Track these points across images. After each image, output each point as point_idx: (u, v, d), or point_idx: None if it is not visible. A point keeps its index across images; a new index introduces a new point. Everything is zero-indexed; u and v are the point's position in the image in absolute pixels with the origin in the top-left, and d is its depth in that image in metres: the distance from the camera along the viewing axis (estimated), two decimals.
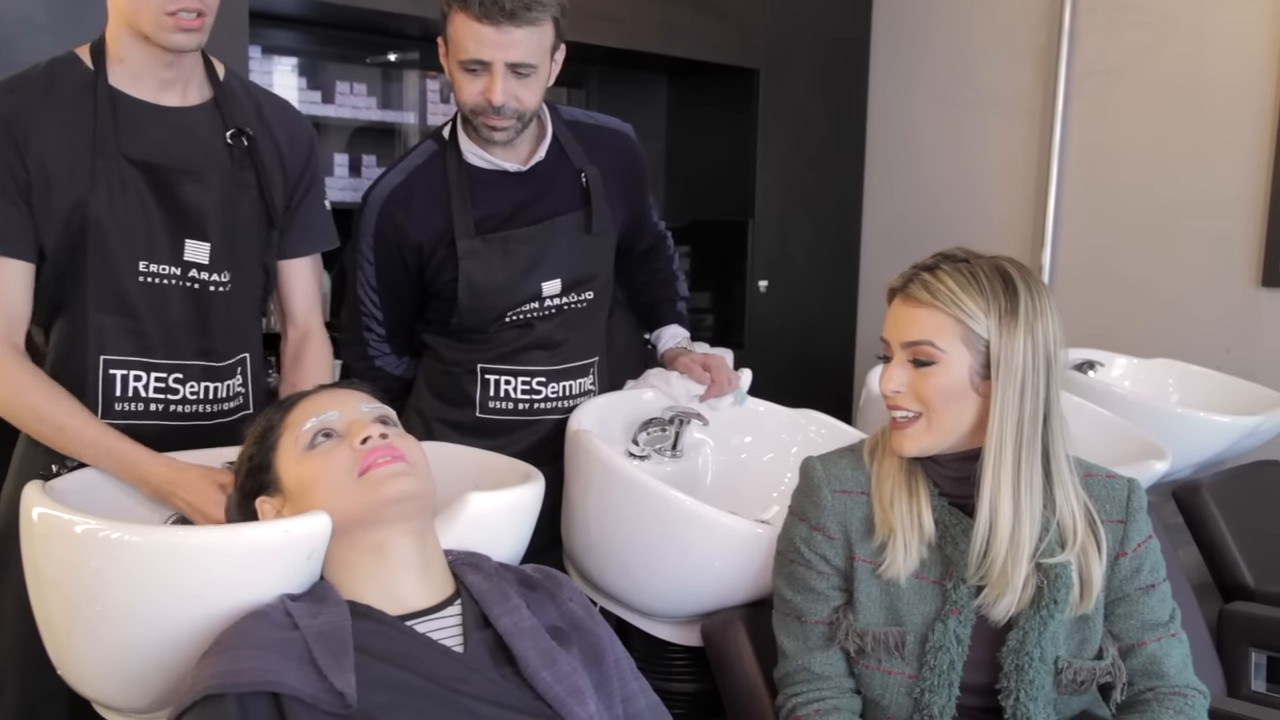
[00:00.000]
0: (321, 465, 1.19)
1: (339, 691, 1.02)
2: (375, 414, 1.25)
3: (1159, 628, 1.36)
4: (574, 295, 1.85)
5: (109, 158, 1.44)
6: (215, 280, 1.54)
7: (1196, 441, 2.29)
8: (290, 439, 1.23)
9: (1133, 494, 1.38)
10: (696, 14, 3.16)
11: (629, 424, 1.88)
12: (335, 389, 1.30)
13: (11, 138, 1.40)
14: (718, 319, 3.54)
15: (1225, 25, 2.92)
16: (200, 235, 1.51)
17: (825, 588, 1.38)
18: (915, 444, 1.33)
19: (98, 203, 1.43)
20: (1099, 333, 2.94)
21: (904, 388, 1.32)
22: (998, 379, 1.29)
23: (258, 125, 1.57)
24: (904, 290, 1.33)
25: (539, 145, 1.80)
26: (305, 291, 1.68)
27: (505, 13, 1.59)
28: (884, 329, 1.36)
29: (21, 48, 2.00)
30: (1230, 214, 2.93)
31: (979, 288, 1.29)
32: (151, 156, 1.47)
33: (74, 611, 1.19)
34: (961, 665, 1.31)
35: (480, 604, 1.18)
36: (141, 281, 1.48)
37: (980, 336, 1.29)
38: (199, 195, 1.50)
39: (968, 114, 3.48)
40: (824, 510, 1.38)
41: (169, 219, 1.49)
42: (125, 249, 1.46)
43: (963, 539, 1.32)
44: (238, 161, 1.53)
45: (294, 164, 1.62)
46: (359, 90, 2.90)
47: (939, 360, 1.30)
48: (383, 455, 1.17)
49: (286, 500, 1.22)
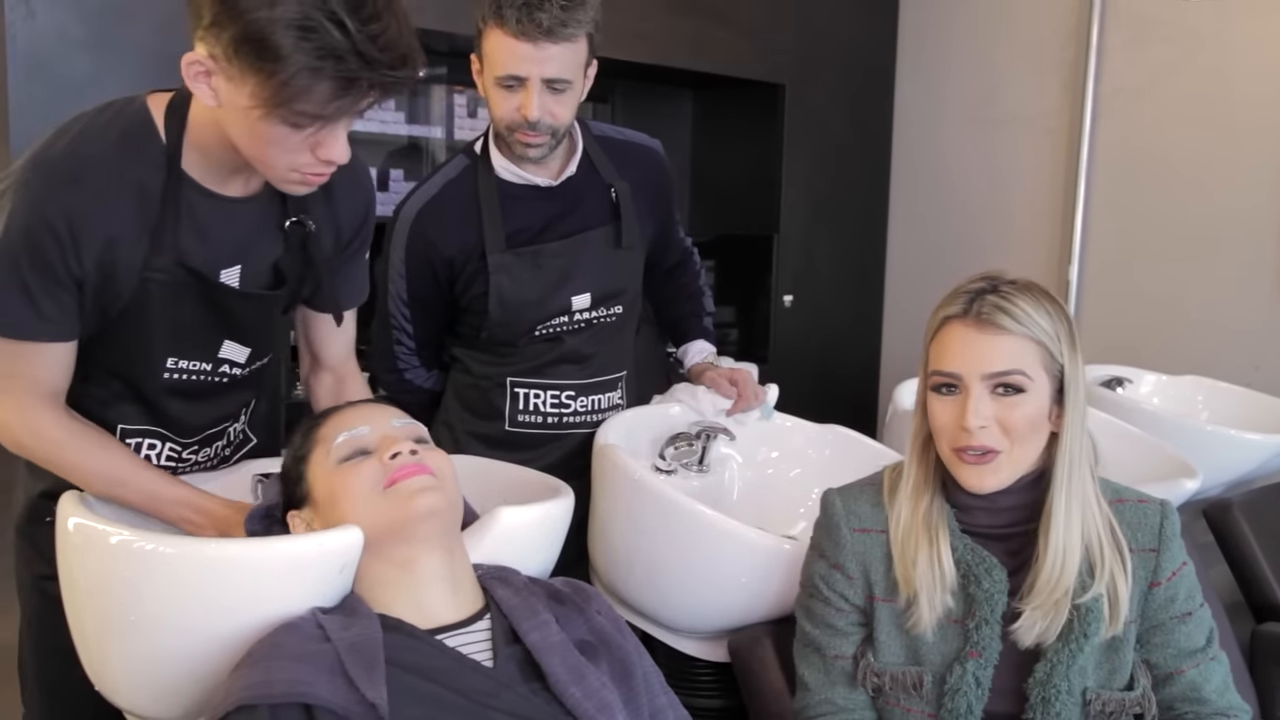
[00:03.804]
0: (351, 478, 1.19)
1: (371, 703, 1.02)
2: (407, 430, 1.25)
3: (1196, 654, 1.33)
4: (603, 309, 1.85)
5: (164, 257, 1.30)
6: (247, 371, 1.48)
7: (1227, 459, 2.27)
8: (322, 452, 1.24)
9: (1165, 519, 1.34)
10: (722, 29, 3.16)
11: (656, 438, 1.88)
12: (368, 404, 1.31)
13: (72, 235, 1.24)
14: (742, 334, 3.53)
15: (1252, 40, 2.90)
16: (241, 340, 1.43)
17: (845, 625, 1.36)
18: (997, 478, 1.27)
19: (141, 302, 1.32)
20: (1127, 349, 2.92)
21: (990, 421, 1.25)
22: (1070, 404, 1.26)
23: (322, 198, 1.42)
24: (972, 316, 1.26)
25: (570, 160, 1.81)
26: (344, 343, 1.61)
27: (542, 30, 1.61)
28: (945, 360, 1.27)
29: (58, 63, 2.03)
30: (1259, 230, 2.91)
31: (1047, 311, 1.25)
32: (203, 266, 1.34)
33: (107, 622, 1.20)
34: (981, 708, 1.28)
35: (509, 619, 1.18)
36: (166, 378, 1.40)
37: (1056, 361, 1.26)
38: (249, 312, 1.41)
39: (994, 130, 3.47)
40: (843, 550, 1.35)
41: (212, 323, 1.39)
42: (158, 348, 1.37)
43: (986, 578, 1.29)
44: (292, 248, 1.41)
45: (348, 229, 1.51)
46: (387, 105, 2.92)
47: (1028, 389, 1.24)
48: (410, 469, 1.18)
49: (317, 513, 1.23)
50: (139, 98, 1.32)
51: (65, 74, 1.47)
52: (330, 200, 1.45)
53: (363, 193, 1.52)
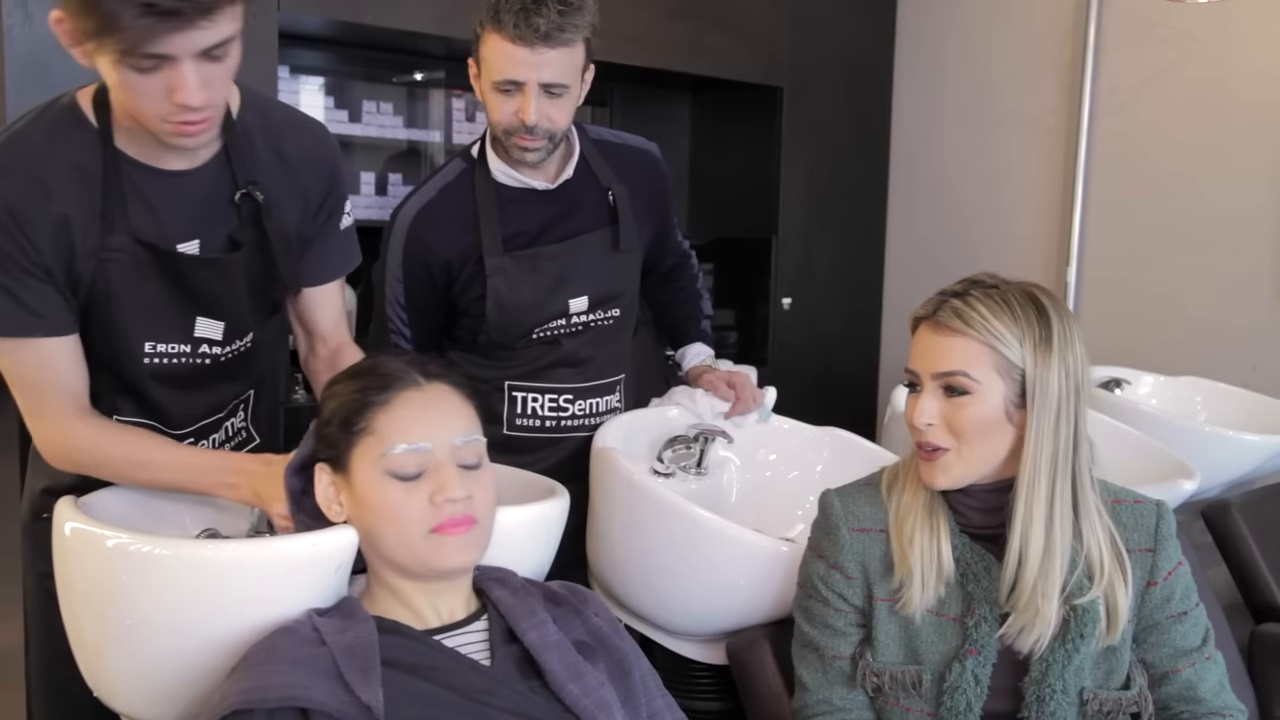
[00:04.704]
0: (397, 505, 1.14)
1: (366, 706, 1.03)
2: (468, 452, 1.18)
3: (1192, 653, 1.34)
4: (601, 312, 1.85)
5: (117, 235, 1.33)
6: (229, 351, 1.47)
7: (1225, 460, 2.27)
8: (376, 446, 1.15)
9: (1161, 519, 1.35)
10: (720, 32, 3.17)
11: (654, 441, 1.88)
12: (434, 397, 1.19)
13: (18, 224, 1.27)
14: (741, 336, 3.54)
15: (1249, 42, 2.91)
16: (213, 314, 1.43)
17: (843, 625, 1.36)
18: (947, 476, 1.30)
19: (105, 284, 1.34)
20: (1125, 350, 2.92)
21: (936, 420, 1.28)
22: (1033, 408, 1.26)
23: (276, 167, 1.44)
24: (933, 318, 1.29)
25: (567, 164, 1.82)
26: (332, 312, 1.60)
27: (539, 34, 1.61)
28: (911, 359, 1.32)
29: (56, 67, 2.02)
30: (1257, 231, 2.91)
31: (1012, 315, 1.26)
32: (158, 240, 1.35)
33: (105, 626, 1.20)
34: (980, 706, 1.29)
35: (507, 618, 1.18)
36: (148, 363, 1.41)
37: (1015, 365, 1.26)
38: (211, 281, 1.40)
39: (991, 132, 3.47)
40: (842, 549, 1.36)
41: (179, 298, 1.40)
42: (132, 331, 1.38)
43: (985, 575, 1.30)
44: (246, 221, 1.42)
45: (315, 192, 1.50)
46: (385, 109, 2.93)
47: (973, 390, 1.26)
48: (459, 524, 1.14)
49: (351, 495, 1.17)
50: (67, 93, 1.35)
51: (63, 78, 1.48)
52: (285, 165, 1.45)
53: (323, 151, 1.51)
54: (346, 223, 1.57)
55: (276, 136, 1.46)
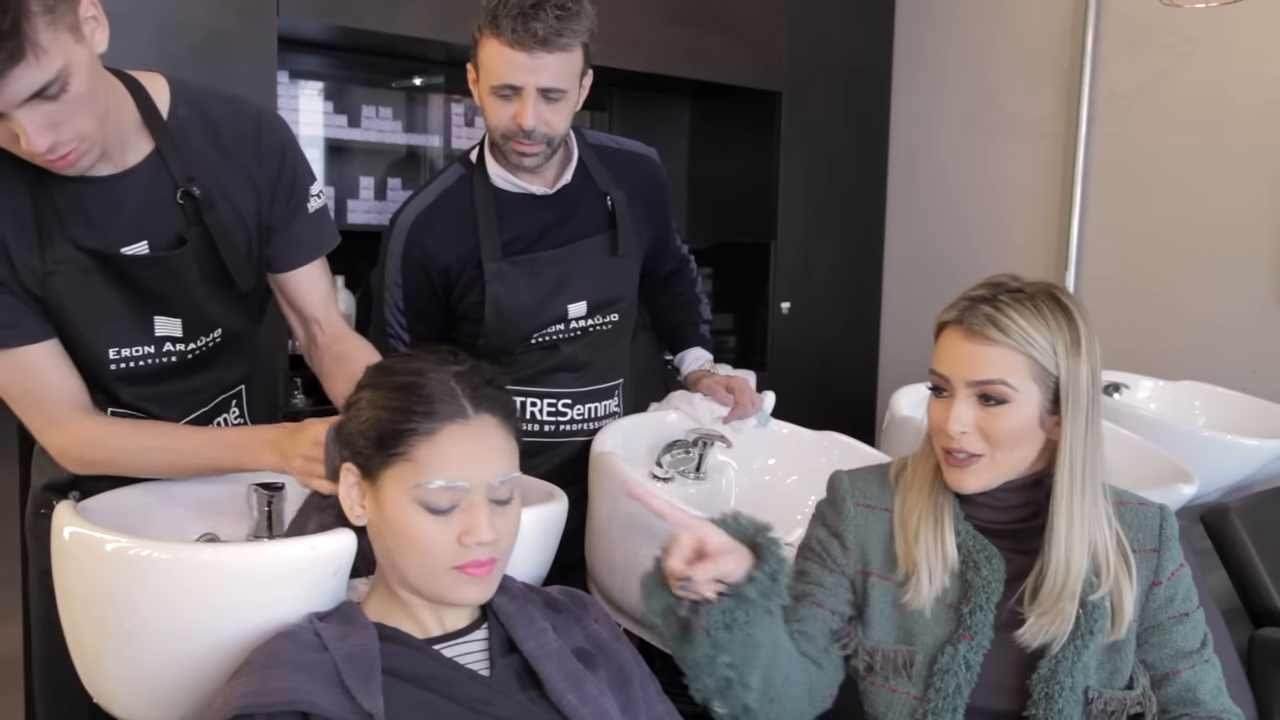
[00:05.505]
0: (426, 538, 1.12)
1: (367, 712, 1.03)
2: (501, 491, 1.16)
3: (1192, 655, 1.35)
4: (599, 317, 1.85)
5: (59, 247, 1.32)
6: (194, 348, 1.46)
7: (1224, 464, 2.27)
8: (412, 475, 1.12)
9: (1165, 522, 1.36)
10: (718, 37, 3.17)
11: (653, 446, 1.88)
12: (480, 432, 1.16)
13: None
14: (740, 341, 3.54)
15: (1248, 46, 2.91)
16: (168, 312, 1.42)
17: (832, 583, 1.37)
18: (978, 481, 1.30)
19: (57, 295, 1.33)
20: (1124, 355, 2.92)
21: (970, 428, 1.28)
22: (1067, 412, 1.26)
23: (216, 158, 1.41)
24: (963, 324, 1.28)
25: (565, 169, 1.82)
26: (317, 293, 1.56)
27: (538, 39, 1.61)
28: (938, 363, 1.30)
29: None
30: (1255, 236, 2.92)
31: (1045, 321, 1.26)
32: (102, 245, 1.34)
33: (104, 630, 1.20)
34: (969, 691, 1.29)
35: (506, 627, 1.19)
36: (115, 368, 1.41)
37: (1050, 372, 1.26)
38: (158, 281, 1.39)
39: (990, 137, 3.48)
40: (845, 521, 1.37)
41: (133, 300, 1.39)
42: (92, 337, 1.38)
43: (986, 565, 1.31)
44: (190, 219, 1.39)
45: (265, 178, 1.45)
46: (384, 114, 2.93)
47: (1011, 399, 1.26)
48: (481, 567, 1.14)
49: (375, 505, 1.15)
50: None
51: None
52: (226, 155, 1.42)
53: (268, 137, 1.46)
54: (315, 204, 1.52)
55: (213, 128, 1.42)
